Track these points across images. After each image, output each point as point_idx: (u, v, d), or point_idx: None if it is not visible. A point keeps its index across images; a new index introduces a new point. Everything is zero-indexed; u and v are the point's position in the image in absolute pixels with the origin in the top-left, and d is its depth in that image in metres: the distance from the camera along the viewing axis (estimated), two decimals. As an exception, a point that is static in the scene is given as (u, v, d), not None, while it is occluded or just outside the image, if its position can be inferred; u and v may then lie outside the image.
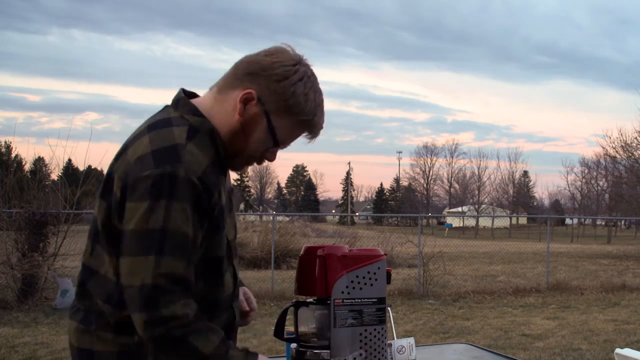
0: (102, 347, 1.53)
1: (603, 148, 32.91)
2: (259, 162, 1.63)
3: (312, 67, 1.59)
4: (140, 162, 1.43)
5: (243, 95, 1.51)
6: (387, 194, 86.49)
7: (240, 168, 1.65)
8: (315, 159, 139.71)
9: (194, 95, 1.63)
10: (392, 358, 1.99)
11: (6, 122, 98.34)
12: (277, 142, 1.56)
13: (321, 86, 1.60)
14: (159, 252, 1.38)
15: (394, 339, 2.04)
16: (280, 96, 1.51)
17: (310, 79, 1.55)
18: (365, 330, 1.78)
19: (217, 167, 1.53)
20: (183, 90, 1.61)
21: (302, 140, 1.62)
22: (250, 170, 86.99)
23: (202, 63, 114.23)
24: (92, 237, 1.57)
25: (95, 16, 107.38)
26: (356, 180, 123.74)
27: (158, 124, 1.51)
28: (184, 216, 1.40)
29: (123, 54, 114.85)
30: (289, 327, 1.88)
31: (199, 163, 1.45)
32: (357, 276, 1.78)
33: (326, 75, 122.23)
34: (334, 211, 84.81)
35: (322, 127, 1.61)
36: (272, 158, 1.62)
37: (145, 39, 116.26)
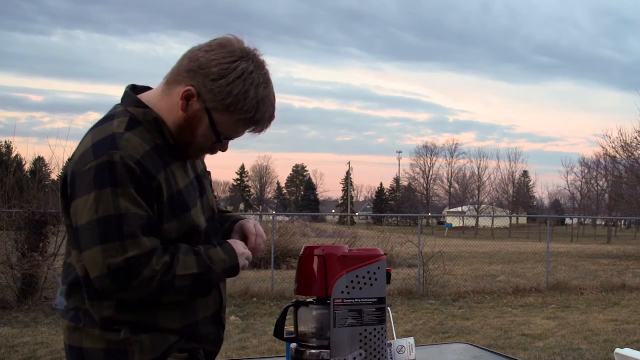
0: (90, 345, 1.55)
1: (603, 148, 32.92)
2: (212, 153, 1.66)
3: (261, 58, 1.57)
4: (82, 158, 1.50)
5: (184, 93, 1.53)
6: (387, 194, 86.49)
7: (194, 158, 1.69)
8: (315, 159, 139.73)
9: (147, 89, 1.66)
10: (392, 358, 1.99)
11: (8, 122, 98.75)
12: (220, 138, 1.59)
13: (323, 87, 1.62)
14: (121, 237, 1.43)
15: (394, 339, 2.04)
16: (218, 95, 1.52)
17: (252, 75, 1.53)
18: (365, 330, 1.78)
19: (165, 152, 1.57)
20: (133, 86, 1.66)
21: (302, 140, 1.64)
22: (250, 170, 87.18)
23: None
24: (67, 236, 1.63)
25: (100, 17, 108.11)
26: (356, 180, 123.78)
27: (101, 121, 1.59)
28: (132, 200, 1.46)
29: (126, 55, 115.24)
30: (289, 327, 1.88)
31: (136, 149, 1.49)
32: (357, 276, 1.78)
33: (328, 75, 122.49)
34: (334, 211, 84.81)
35: (268, 121, 1.61)
36: (223, 149, 1.65)
37: (148, 40, 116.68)
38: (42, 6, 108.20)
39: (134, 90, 1.65)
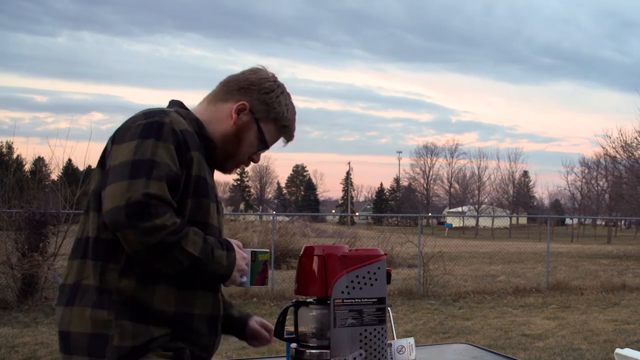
0: (77, 328, 1.60)
1: (603, 148, 32.93)
2: (247, 164, 1.90)
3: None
4: (132, 118, 1.66)
5: (238, 107, 1.79)
6: (387, 194, 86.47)
7: (230, 171, 1.88)
8: (316, 159, 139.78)
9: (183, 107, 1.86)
10: (392, 358, 1.99)
11: (12, 123, 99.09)
12: (266, 144, 1.85)
13: (327, 87, 1.76)
14: (148, 176, 1.52)
15: (394, 339, 2.04)
16: (269, 106, 1.81)
17: (286, 93, 1.86)
18: (365, 330, 1.79)
19: (200, 145, 1.73)
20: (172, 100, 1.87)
21: (304, 140, 1.74)
22: (250, 170, 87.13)
23: (209, 64, 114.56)
24: (85, 212, 1.69)
25: (105, 18, 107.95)
26: (356, 180, 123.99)
27: (150, 108, 1.74)
28: (169, 154, 1.58)
29: (131, 55, 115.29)
30: (289, 327, 1.88)
31: (182, 123, 1.67)
32: (357, 276, 1.78)
33: (332, 76, 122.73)
34: (334, 211, 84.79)
35: (294, 134, 1.92)
36: (257, 160, 1.90)
37: (153, 41, 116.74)
38: (48, 7, 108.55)
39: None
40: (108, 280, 1.58)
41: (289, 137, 1.90)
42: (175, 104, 1.81)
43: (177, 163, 1.59)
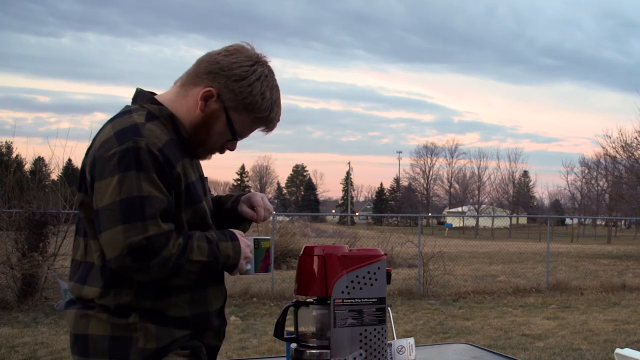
0: (95, 331, 1.60)
1: (603, 148, 32.93)
2: (221, 152, 1.76)
3: (270, 64, 1.70)
4: (105, 144, 1.54)
5: (204, 93, 1.63)
6: (387, 194, 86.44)
7: (203, 157, 1.76)
8: (316, 159, 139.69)
9: (153, 94, 1.73)
10: (392, 358, 1.99)
11: (15, 123, 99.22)
12: (235, 135, 1.70)
13: (329, 87, 1.67)
14: (142, 218, 1.47)
15: (394, 339, 2.04)
16: (238, 95, 1.63)
17: (267, 77, 1.66)
18: (365, 330, 1.79)
19: (180, 145, 1.64)
20: (140, 89, 1.74)
21: (306, 140, 1.68)
22: (250, 170, 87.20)
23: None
24: (80, 228, 1.67)
25: (110, 19, 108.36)
26: (356, 180, 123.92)
27: (118, 115, 1.64)
28: (154, 184, 1.52)
29: (134, 56, 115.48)
30: (289, 327, 1.88)
31: (158, 137, 1.56)
32: (357, 276, 1.78)
33: (334, 76, 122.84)
34: (334, 211, 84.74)
35: (278, 121, 1.74)
36: (232, 148, 1.75)
37: (157, 42, 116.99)
38: (53, 8, 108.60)
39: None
40: (125, 302, 1.57)
41: (268, 127, 1.73)
42: (145, 98, 1.68)
43: (164, 189, 1.54)
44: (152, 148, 1.52)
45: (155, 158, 1.52)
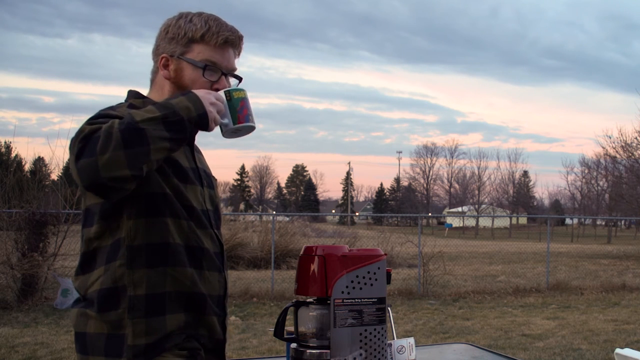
0: (93, 329, 1.61)
1: (603, 148, 32.93)
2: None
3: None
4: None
5: (160, 61, 1.74)
6: (387, 194, 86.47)
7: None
8: (316, 159, 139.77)
9: (139, 93, 1.81)
10: (392, 358, 1.99)
11: (19, 123, 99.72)
12: (204, 67, 1.71)
13: (333, 87, 1.67)
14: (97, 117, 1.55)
15: (394, 339, 2.04)
16: (176, 37, 1.71)
17: (189, 14, 1.74)
18: (365, 330, 1.79)
19: None
20: (130, 90, 1.81)
21: (301, 139, 1.67)
22: (250, 170, 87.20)
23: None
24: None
25: (116, 21, 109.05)
26: (356, 180, 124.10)
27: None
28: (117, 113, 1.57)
29: (140, 57, 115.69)
30: (289, 327, 1.88)
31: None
32: (357, 276, 1.78)
33: (337, 77, 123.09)
34: (334, 211, 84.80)
35: (231, 33, 1.74)
36: (221, 86, 1.73)
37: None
38: (60, 10, 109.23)
39: None
40: (119, 275, 1.58)
41: (221, 41, 1.71)
42: (130, 95, 1.78)
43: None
44: (109, 111, 1.60)
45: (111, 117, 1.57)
